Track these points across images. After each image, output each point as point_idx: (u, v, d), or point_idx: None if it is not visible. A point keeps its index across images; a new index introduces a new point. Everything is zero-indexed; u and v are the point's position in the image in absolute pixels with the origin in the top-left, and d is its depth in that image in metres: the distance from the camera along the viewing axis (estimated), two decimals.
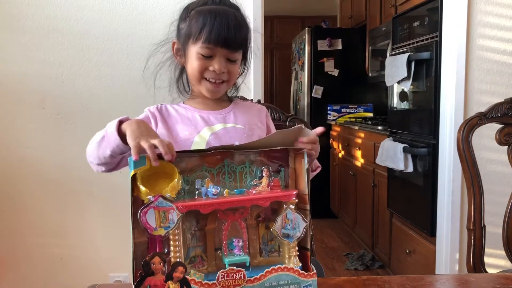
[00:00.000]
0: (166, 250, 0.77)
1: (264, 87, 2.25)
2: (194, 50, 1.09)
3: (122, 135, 0.94)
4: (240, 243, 0.81)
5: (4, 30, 2.02)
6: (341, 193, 4.09)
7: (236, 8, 1.14)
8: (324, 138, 4.22)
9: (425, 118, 2.43)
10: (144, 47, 2.04)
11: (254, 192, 0.83)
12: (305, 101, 4.50)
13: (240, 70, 1.18)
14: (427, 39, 2.42)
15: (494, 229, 1.54)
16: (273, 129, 1.25)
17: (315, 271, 0.85)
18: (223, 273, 0.77)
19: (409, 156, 2.51)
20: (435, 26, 2.32)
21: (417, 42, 2.53)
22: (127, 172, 2.31)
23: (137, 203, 0.76)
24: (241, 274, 0.78)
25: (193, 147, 1.08)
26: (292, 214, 0.84)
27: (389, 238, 2.95)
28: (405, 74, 2.49)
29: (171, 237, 0.77)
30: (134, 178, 0.77)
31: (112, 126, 0.96)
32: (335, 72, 4.44)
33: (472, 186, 1.46)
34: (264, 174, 0.84)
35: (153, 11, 2.06)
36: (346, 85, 4.44)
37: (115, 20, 2.06)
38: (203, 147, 1.07)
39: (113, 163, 1.05)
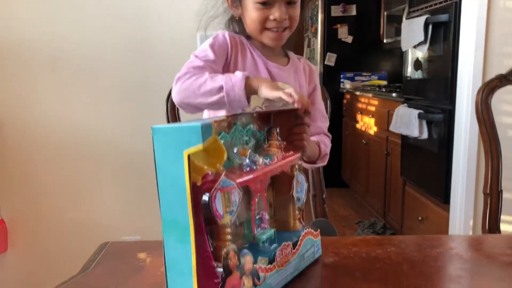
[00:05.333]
0: (210, 241, 0.62)
1: None
2: (251, 0, 1.05)
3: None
4: (267, 217, 0.75)
5: None
6: (353, 162, 4.07)
7: None
8: (336, 107, 4.16)
9: (441, 83, 2.37)
10: (157, 5, 1.99)
11: (270, 158, 0.76)
12: (317, 69, 4.43)
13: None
14: (445, 0, 2.34)
15: (510, 195, 1.50)
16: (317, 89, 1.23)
17: (319, 231, 0.83)
18: (279, 252, 0.71)
19: (424, 123, 2.47)
20: None
21: (435, 4, 2.44)
22: (140, 136, 2.27)
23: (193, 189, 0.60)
24: (289, 248, 0.73)
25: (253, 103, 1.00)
26: (300, 176, 0.80)
27: (401, 206, 2.93)
28: (422, 38, 2.41)
29: (228, 228, 0.63)
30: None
31: (238, 83, 0.92)
32: (349, 39, 4.35)
33: (490, 150, 1.42)
34: (272, 137, 0.79)
35: None
36: (360, 52, 4.35)
37: None
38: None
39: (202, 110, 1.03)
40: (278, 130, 0.79)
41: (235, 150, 0.69)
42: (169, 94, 1.40)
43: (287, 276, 0.73)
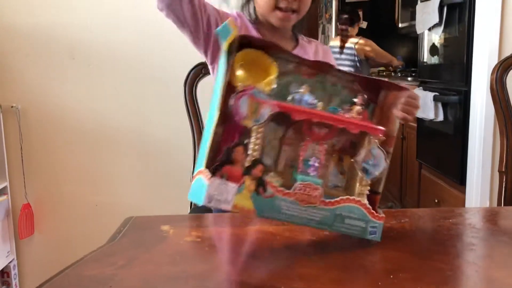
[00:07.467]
0: (242, 137, 0.70)
1: None
2: None
3: None
4: (317, 164, 0.74)
5: None
6: None
7: None
8: None
9: (457, 65, 2.36)
10: None
11: (346, 116, 0.76)
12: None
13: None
14: None
15: None
16: None
17: (383, 215, 0.79)
18: (301, 185, 0.71)
19: (440, 105, 2.46)
20: None
21: None
22: (159, 121, 2.30)
23: (228, 88, 0.68)
24: (318, 192, 0.72)
25: None
26: (376, 150, 0.77)
27: (418, 189, 2.94)
28: (437, 20, 2.40)
29: (253, 133, 0.69)
30: (228, 61, 0.69)
31: None
32: (364, 25, 4.32)
33: (505, 128, 1.42)
34: (357, 101, 0.77)
35: None
36: (375, 37, 4.30)
37: None
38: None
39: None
40: (365, 96, 0.77)
41: (299, 89, 0.74)
42: (186, 78, 1.44)
43: (309, 221, 0.73)
